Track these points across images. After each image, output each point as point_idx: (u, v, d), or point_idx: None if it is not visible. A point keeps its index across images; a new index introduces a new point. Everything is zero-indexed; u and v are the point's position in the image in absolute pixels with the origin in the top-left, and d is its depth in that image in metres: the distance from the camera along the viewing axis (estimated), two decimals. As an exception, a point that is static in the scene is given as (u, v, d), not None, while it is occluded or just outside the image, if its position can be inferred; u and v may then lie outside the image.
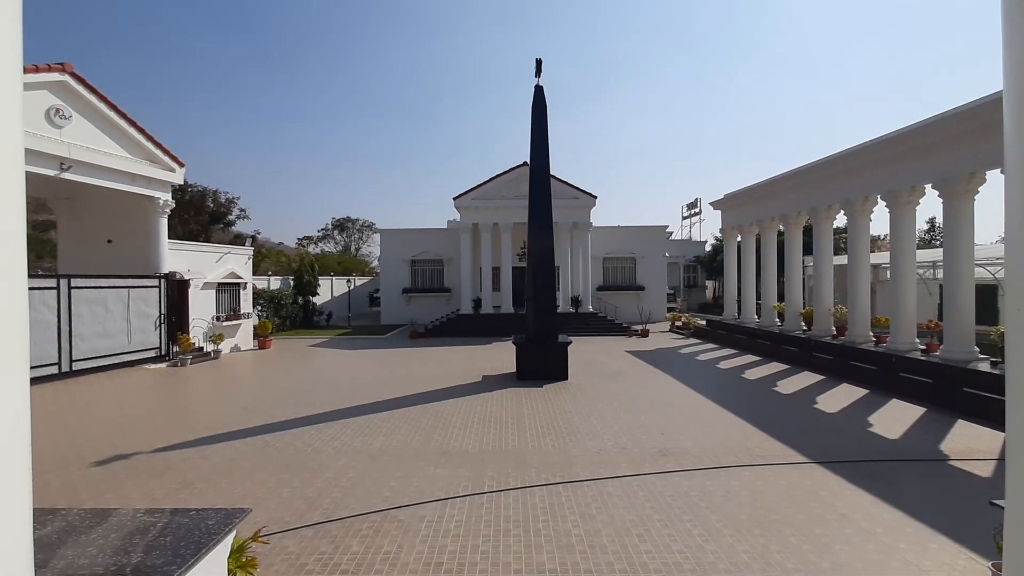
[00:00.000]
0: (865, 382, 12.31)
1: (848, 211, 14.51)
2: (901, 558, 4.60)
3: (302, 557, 4.70)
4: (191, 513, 3.65)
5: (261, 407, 10.44)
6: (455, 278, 28.82)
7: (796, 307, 17.38)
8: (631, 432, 8.48)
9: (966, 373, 10.13)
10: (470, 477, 6.60)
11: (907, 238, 12.61)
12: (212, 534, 3.36)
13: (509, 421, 9.21)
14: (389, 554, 4.75)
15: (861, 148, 13.71)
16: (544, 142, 13.89)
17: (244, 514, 3.69)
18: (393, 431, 8.65)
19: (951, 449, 7.63)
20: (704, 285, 42.01)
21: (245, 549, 3.99)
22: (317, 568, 4.52)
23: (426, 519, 5.44)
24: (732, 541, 4.92)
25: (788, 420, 9.22)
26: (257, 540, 4.21)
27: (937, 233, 45.48)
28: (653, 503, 5.78)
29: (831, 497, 5.90)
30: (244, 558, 3.92)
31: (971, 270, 10.87)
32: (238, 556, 3.89)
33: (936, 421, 9.16)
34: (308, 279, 27.84)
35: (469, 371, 14.44)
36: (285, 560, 4.64)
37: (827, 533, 5.06)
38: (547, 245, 13.58)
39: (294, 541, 4.99)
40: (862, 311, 14.07)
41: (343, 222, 65.05)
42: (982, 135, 10.31)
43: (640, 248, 30.01)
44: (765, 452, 7.47)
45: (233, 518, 3.58)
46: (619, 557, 4.66)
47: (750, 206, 20.20)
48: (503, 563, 4.60)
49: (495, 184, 26.18)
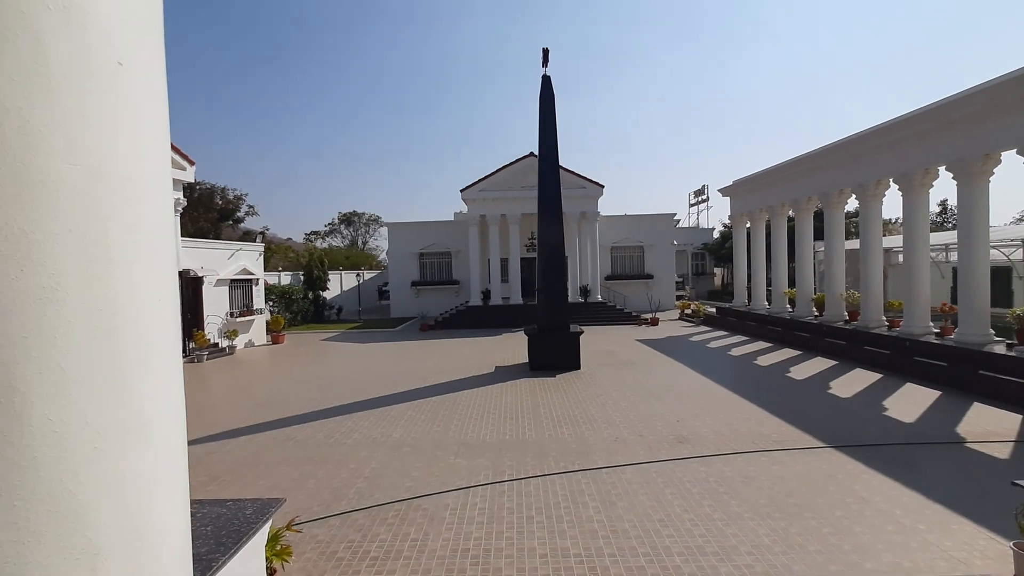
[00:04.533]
0: (879, 367, 12.29)
1: (860, 195, 14.40)
2: (922, 539, 4.66)
3: (332, 545, 4.83)
4: (228, 503, 3.77)
5: (280, 401, 10.61)
6: (463, 270, 28.90)
7: (807, 293, 17.31)
8: (647, 420, 8.55)
9: (982, 356, 10.10)
10: (490, 466, 6.71)
11: (920, 221, 12.52)
12: (251, 523, 3.47)
13: (525, 411, 9.31)
14: (416, 541, 4.87)
15: (874, 131, 13.58)
16: (552, 132, 13.87)
17: (279, 504, 3.80)
18: (411, 422, 8.77)
19: (968, 432, 7.64)
20: (712, 272, 41.87)
21: (279, 538, 4.11)
22: (347, 555, 4.64)
23: (450, 507, 5.56)
24: (753, 525, 4.99)
25: (802, 406, 9.26)
26: (291, 529, 4.33)
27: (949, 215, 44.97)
28: (672, 489, 5.86)
29: (849, 481, 5.95)
30: (279, 546, 4.04)
31: (986, 252, 10.80)
32: (273, 544, 4.01)
33: (952, 404, 9.16)
34: (318, 274, 28.02)
35: (482, 362, 14.55)
36: (316, 548, 4.77)
37: (847, 516, 5.12)
38: (557, 235, 13.60)
39: (323, 530, 5.12)
40: (875, 295, 14.01)
41: (349, 216, 65.19)
42: (1000, 114, 10.17)
43: (648, 236, 29.92)
44: (781, 437, 7.52)
45: (269, 507, 3.69)
46: (642, 542, 4.75)
47: (760, 192, 20.06)
48: (528, 548, 4.70)
49: (502, 175, 26.14)
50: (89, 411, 1.32)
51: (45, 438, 1.23)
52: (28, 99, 1.23)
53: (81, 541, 1.29)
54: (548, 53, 13.95)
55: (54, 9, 1.27)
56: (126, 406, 1.42)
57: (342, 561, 4.55)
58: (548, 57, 13.98)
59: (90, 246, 1.33)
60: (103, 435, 1.35)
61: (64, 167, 1.28)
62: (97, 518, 1.33)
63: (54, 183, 1.26)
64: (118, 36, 1.42)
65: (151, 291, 1.52)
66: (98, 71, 1.37)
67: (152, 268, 1.53)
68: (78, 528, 1.29)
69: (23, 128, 1.22)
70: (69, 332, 1.28)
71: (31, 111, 1.23)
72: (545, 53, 13.98)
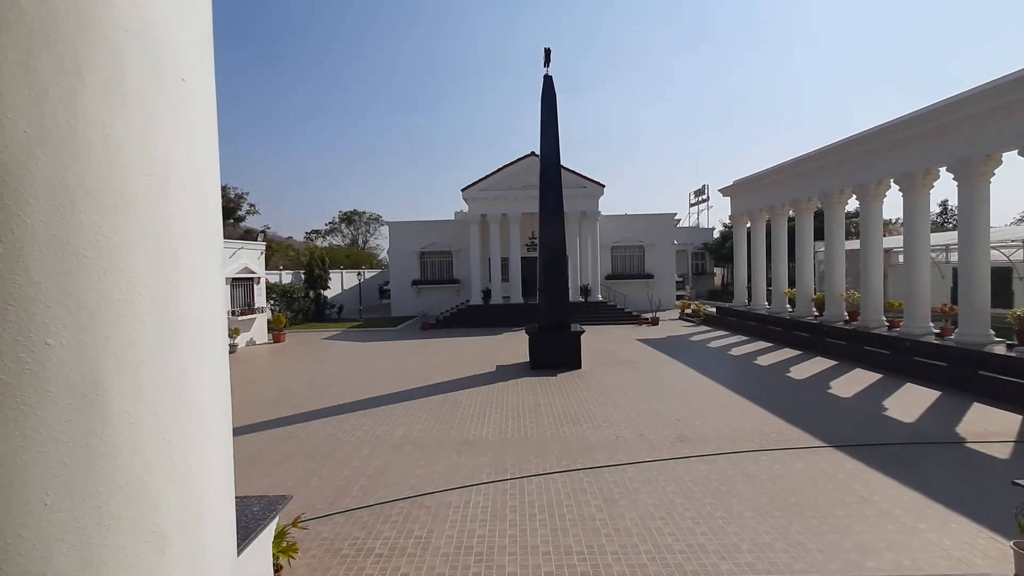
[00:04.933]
0: (879, 367, 12.32)
1: (861, 195, 14.43)
2: (922, 538, 4.69)
3: (336, 542, 4.86)
4: (235, 500, 3.80)
5: (282, 399, 10.65)
6: (464, 269, 28.92)
7: (807, 293, 17.35)
8: (648, 419, 8.58)
9: (982, 356, 10.14)
10: (492, 464, 6.75)
11: (921, 222, 12.55)
12: (258, 520, 3.51)
13: (526, 410, 9.34)
14: (420, 538, 4.90)
15: (875, 131, 13.61)
16: (554, 132, 13.89)
17: (286, 501, 3.84)
18: (413, 421, 8.81)
19: (968, 431, 7.67)
20: (712, 272, 41.87)
21: (286, 535, 4.14)
22: (352, 552, 4.68)
23: (453, 505, 5.59)
24: (754, 523, 5.03)
25: (803, 405, 9.29)
26: (297, 526, 4.37)
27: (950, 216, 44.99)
28: (674, 487, 5.89)
29: (850, 480, 5.98)
30: (285, 543, 4.08)
31: (987, 253, 10.83)
32: (279, 541, 4.05)
33: (951, 404, 9.19)
34: (319, 273, 28.03)
35: (483, 361, 14.59)
36: (320, 545, 4.80)
37: (848, 515, 5.16)
38: (558, 235, 13.63)
39: (327, 527, 5.15)
40: (875, 296, 14.04)
41: (350, 215, 65.20)
42: (1001, 115, 10.20)
43: (648, 236, 29.94)
44: (782, 437, 7.55)
45: (276, 505, 3.73)
46: (644, 540, 4.79)
47: (760, 192, 20.10)
48: (531, 546, 4.74)
49: (503, 175, 26.16)
50: (159, 404, 1.44)
51: (123, 429, 1.34)
52: (110, 114, 1.34)
53: (152, 525, 1.41)
54: (550, 53, 13.98)
55: (131, 32, 1.38)
56: (188, 399, 1.54)
57: (347, 558, 4.59)
58: (550, 57, 14.01)
59: (160, 251, 1.45)
60: (170, 427, 1.47)
61: (139, 177, 1.40)
62: (165, 504, 1.45)
63: (131, 193, 1.37)
64: (181, 54, 1.54)
65: (207, 292, 1.65)
66: (166, 87, 1.48)
67: (208, 270, 1.65)
68: (149, 513, 1.40)
69: (105, 141, 1.32)
70: (142, 331, 1.39)
71: (112, 125, 1.34)
72: (547, 53, 14.00)
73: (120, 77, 1.35)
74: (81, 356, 1.27)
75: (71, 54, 1.26)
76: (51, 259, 1.23)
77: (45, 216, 1.22)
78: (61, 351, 1.24)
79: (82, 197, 1.28)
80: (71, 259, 1.25)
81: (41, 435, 1.20)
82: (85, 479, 1.27)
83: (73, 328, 1.26)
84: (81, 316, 1.27)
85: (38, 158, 1.21)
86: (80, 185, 1.27)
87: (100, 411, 1.30)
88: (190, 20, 1.58)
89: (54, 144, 1.23)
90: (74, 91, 1.27)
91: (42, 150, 1.22)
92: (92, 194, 1.29)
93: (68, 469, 1.24)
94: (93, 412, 1.29)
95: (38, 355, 1.21)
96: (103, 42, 1.32)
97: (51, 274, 1.23)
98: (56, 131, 1.24)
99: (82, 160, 1.28)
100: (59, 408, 1.23)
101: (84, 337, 1.27)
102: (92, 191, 1.29)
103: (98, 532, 1.29)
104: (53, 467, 1.22)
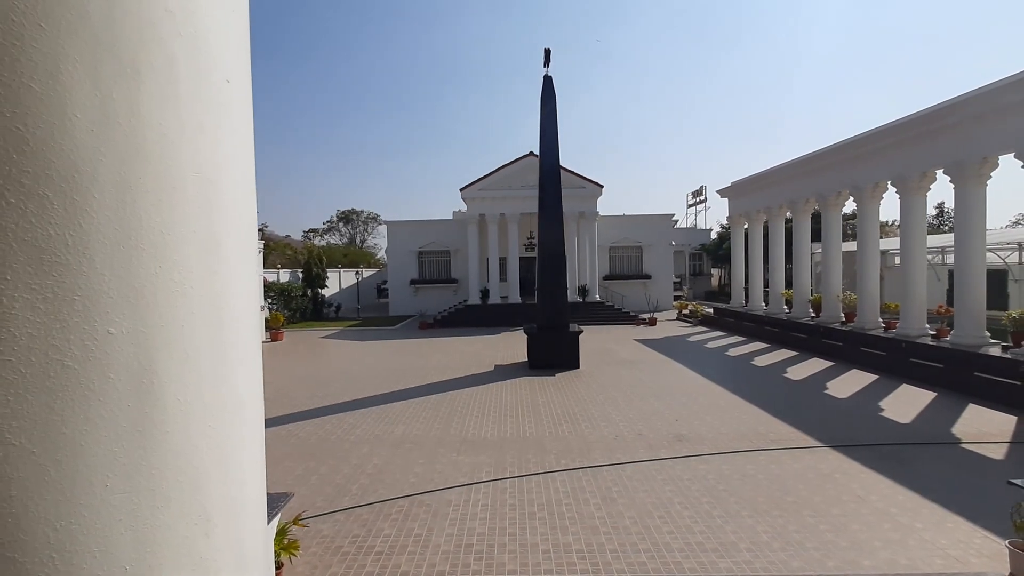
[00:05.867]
0: (875, 368, 12.39)
1: (857, 197, 14.50)
2: (918, 537, 4.74)
3: (337, 540, 4.88)
4: (237, 498, 3.82)
5: (280, 397, 10.64)
6: (462, 269, 28.94)
7: (804, 294, 17.42)
8: (646, 419, 8.62)
9: (977, 357, 10.20)
10: (492, 463, 6.77)
11: (917, 223, 12.63)
12: (260, 517, 3.52)
13: (525, 409, 9.37)
14: (420, 536, 4.92)
15: (872, 134, 13.67)
16: (553, 132, 13.91)
17: (288, 499, 3.86)
18: (412, 419, 8.82)
19: (963, 432, 7.73)
20: (710, 273, 41.99)
21: (287, 532, 4.16)
22: (352, 550, 4.69)
23: (452, 503, 5.62)
24: (752, 522, 5.07)
25: (800, 405, 9.35)
26: (298, 524, 4.38)
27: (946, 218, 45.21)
28: (672, 486, 5.93)
29: (846, 479, 6.03)
30: (287, 540, 4.09)
31: (983, 255, 10.90)
32: (280, 539, 4.06)
33: (947, 405, 9.26)
34: (317, 271, 28.01)
35: (481, 361, 14.61)
36: (321, 543, 4.82)
37: (844, 513, 5.20)
38: (557, 235, 13.66)
39: (328, 525, 5.17)
40: (871, 297, 14.11)
41: (348, 214, 65.16)
42: (998, 118, 10.27)
43: (646, 237, 30.01)
44: (779, 437, 7.60)
45: (279, 502, 3.75)
46: (643, 538, 4.82)
47: (758, 193, 20.17)
48: (530, 544, 4.76)
49: (502, 175, 26.19)
50: (205, 392, 1.50)
51: (175, 415, 1.41)
52: (164, 115, 1.39)
53: (198, 507, 1.47)
54: (550, 53, 14.00)
55: (184, 35, 1.43)
56: (229, 388, 1.61)
57: (347, 555, 4.61)
58: (550, 57, 14.02)
59: (208, 246, 1.52)
60: (215, 413, 1.53)
61: (190, 175, 1.46)
62: (210, 487, 1.51)
63: (183, 189, 1.44)
64: (227, 56, 1.61)
65: (247, 286, 1.72)
66: (213, 88, 1.55)
67: (246, 265, 1.72)
68: (197, 496, 1.46)
69: (161, 140, 1.38)
70: (192, 322, 1.46)
71: (167, 125, 1.40)
72: (547, 53, 14.02)
73: (174, 79, 1.41)
74: (139, 345, 1.33)
75: (131, 57, 1.31)
76: (113, 252, 1.28)
77: (109, 211, 1.27)
78: (122, 340, 1.30)
79: (141, 193, 1.33)
80: (131, 252, 1.31)
81: (103, 418, 1.26)
82: (141, 462, 1.32)
83: (132, 318, 1.32)
84: (139, 306, 1.33)
85: (103, 156, 1.26)
86: (139, 182, 1.33)
87: (155, 397, 1.36)
88: (233, 24, 1.64)
89: (116, 143, 1.29)
90: (134, 93, 1.32)
91: (106, 149, 1.27)
92: (150, 190, 1.35)
93: (126, 452, 1.30)
94: (149, 398, 1.35)
95: (101, 343, 1.26)
96: (158, 46, 1.37)
97: (113, 266, 1.28)
98: (119, 131, 1.29)
99: (141, 158, 1.33)
100: (119, 394, 1.29)
101: (142, 327, 1.33)
102: (150, 188, 1.35)
103: (151, 514, 1.34)
104: (113, 450, 1.28)
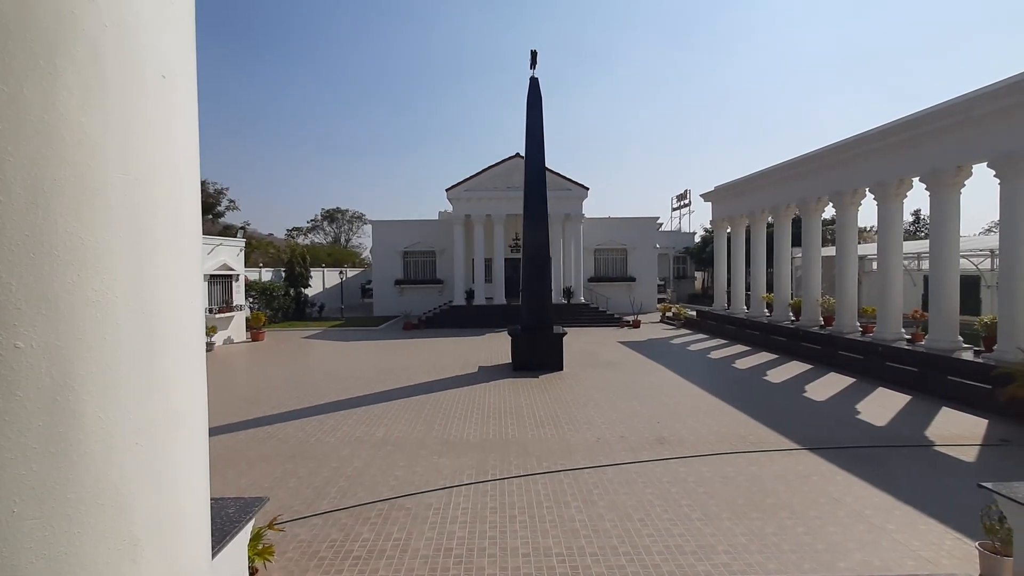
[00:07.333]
0: (852, 371, 12.61)
1: (837, 203, 14.77)
2: (891, 539, 4.82)
3: (314, 544, 4.80)
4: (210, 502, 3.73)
5: (260, 398, 10.48)
6: (448, 269, 28.81)
7: (785, 298, 17.69)
8: (628, 421, 8.66)
9: (950, 362, 10.45)
10: (473, 466, 6.74)
11: (895, 230, 12.90)
12: (233, 522, 3.44)
13: (508, 411, 9.34)
14: (399, 541, 4.87)
15: (851, 141, 13.94)
16: (539, 134, 13.92)
17: (262, 503, 3.78)
18: (394, 421, 8.74)
19: (936, 435, 7.90)
20: (693, 276, 42.37)
21: (261, 537, 4.08)
22: (330, 555, 4.62)
23: (433, 506, 5.57)
24: (730, 524, 5.11)
25: (779, 408, 9.47)
26: (273, 528, 4.30)
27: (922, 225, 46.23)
28: (652, 489, 5.95)
29: (823, 481, 6.12)
30: (261, 545, 4.02)
31: (956, 261, 11.17)
32: (255, 544, 3.98)
33: (921, 408, 9.45)
34: (300, 271, 27.66)
35: (465, 362, 14.55)
36: (298, 548, 4.74)
37: (820, 515, 5.27)
38: (542, 237, 13.67)
39: (305, 529, 5.09)
40: (850, 301, 14.37)
41: (332, 213, 64.49)
42: (972, 128, 10.53)
43: (631, 239, 30.21)
44: (758, 439, 7.68)
45: (252, 507, 3.67)
46: (623, 541, 4.83)
47: (740, 198, 20.43)
48: (511, 547, 4.74)
49: (487, 175, 26.16)
50: (132, 408, 1.40)
51: (95, 433, 1.31)
52: (87, 112, 1.29)
53: (123, 532, 1.37)
54: (536, 55, 14.02)
55: (110, 25, 1.33)
56: (162, 402, 1.50)
57: (324, 560, 4.54)
58: (536, 59, 14.04)
59: (136, 252, 1.42)
60: (143, 430, 1.43)
61: (116, 176, 1.35)
62: (137, 510, 1.41)
63: (107, 192, 1.33)
64: (162, 50, 1.51)
65: (185, 293, 1.61)
66: (145, 84, 1.45)
67: (186, 272, 1.62)
68: (121, 520, 1.37)
69: (82, 140, 1.28)
70: (117, 334, 1.36)
71: (89, 124, 1.29)
72: (533, 55, 14.03)
73: (98, 74, 1.31)
74: (52, 359, 1.23)
75: (46, 50, 1.21)
76: (23, 260, 1.19)
77: (18, 216, 1.18)
78: (31, 354, 1.20)
79: (56, 197, 1.23)
80: (44, 260, 1.22)
81: (9, 440, 1.17)
82: (55, 485, 1.23)
83: (45, 330, 1.22)
84: (54, 318, 1.23)
85: (11, 156, 1.17)
86: (54, 185, 1.23)
87: (71, 415, 1.26)
88: (171, 14, 1.54)
89: (28, 143, 1.19)
90: (49, 89, 1.22)
91: (15, 149, 1.18)
92: (67, 194, 1.25)
93: (37, 475, 1.20)
94: (64, 416, 1.25)
95: (7, 358, 1.17)
96: (80, 37, 1.27)
97: (23, 275, 1.19)
98: (31, 129, 1.20)
99: (57, 159, 1.24)
100: (28, 412, 1.19)
101: (56, 340, 1.24)
102: (67, 190, 1.25)
103: (67, 540, 1.25)
104: (21, 473, 1.18)
